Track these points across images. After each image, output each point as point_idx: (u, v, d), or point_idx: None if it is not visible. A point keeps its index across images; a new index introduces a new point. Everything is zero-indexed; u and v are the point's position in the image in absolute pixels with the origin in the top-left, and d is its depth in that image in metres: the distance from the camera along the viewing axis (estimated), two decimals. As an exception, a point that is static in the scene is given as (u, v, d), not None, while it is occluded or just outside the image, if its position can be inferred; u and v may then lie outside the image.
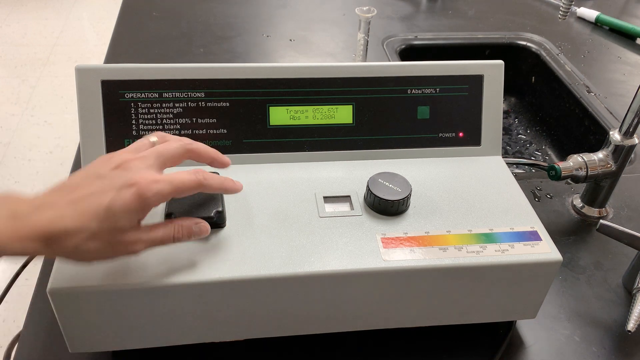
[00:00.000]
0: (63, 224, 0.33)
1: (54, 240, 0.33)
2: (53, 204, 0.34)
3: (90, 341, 0.41)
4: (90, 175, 0.36)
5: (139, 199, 0.35)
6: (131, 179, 0.35)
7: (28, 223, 0.33)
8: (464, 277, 0.42)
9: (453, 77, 0.51)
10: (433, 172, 0.50)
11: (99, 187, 0.35)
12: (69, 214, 0.34)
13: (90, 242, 0.34)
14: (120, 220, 0.35)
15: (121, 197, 0.35)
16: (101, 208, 0.34)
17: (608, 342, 0.49)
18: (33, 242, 0.33)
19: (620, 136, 0.58)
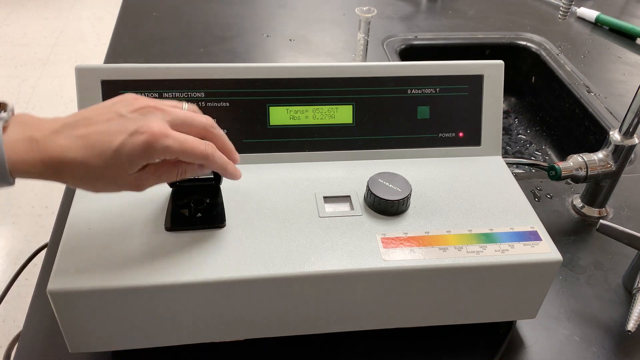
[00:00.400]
0: (71, 155, 0.35)
1: (61, 168, 0.35)
2: (67, 134, 0.35)
3: (90, 341, 0.41)
4: (111, 111, 0.37)
5: (147, 147, 0.36)
6: (145, 126, 0.36)
7: (41, 148, 0.34)
8: (464, 277, 0.42)
9: (453, 77, 0.51)
10: (433, 172, 0.50)
11: (113, 126, 0.36)
12: (79, 146, 0.35)
13: (96, 176, 0.36)
14: (125, 163, 0.36)
15: (131, 141, 0.35)
16: (109, 149, 0.35)
17: (608, 342, 0.49)
18: (43, 166, 0.34)
19: (620, 136, 0.58)
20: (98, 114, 0.37)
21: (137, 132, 0.36)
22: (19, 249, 1.47)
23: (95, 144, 0.35)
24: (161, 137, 0.36)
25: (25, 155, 0.34)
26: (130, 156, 0.36)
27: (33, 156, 0.34)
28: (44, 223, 1.53)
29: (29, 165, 0.34)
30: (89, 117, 0.37)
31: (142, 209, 0.44)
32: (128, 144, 0.35)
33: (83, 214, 0.43)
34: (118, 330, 0.41)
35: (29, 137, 0.34)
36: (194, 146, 0.37)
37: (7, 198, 1.61)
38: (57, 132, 0.35)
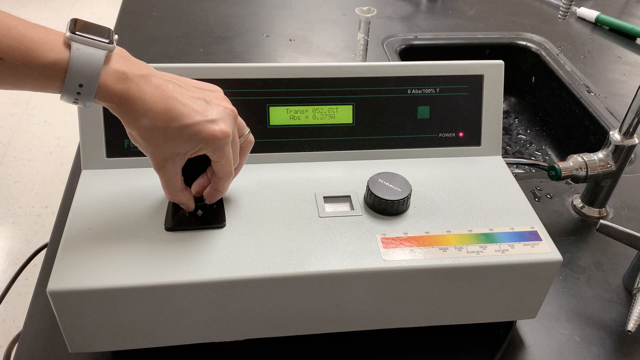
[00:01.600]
0: (146, 105, 0.37)
1: (130, 108, 0.37)
2: (155, 85, 0.38)
3: (90, 341, 0.41)
4: (201, 93, 0.40)
5: (212, 139, 0.39)
6: (222, 122, 0.39)
7: (127, 84, 0.37)
8: (464, 277, 0.42)
9: (453, 77, 0.51)
10: (433, 172, 0.50)
11: (198, 106, 0.39)
12: (158, 101, 0.37)
13: (149, 132, 0.38)
14: (182, 139, 0.38)
15: (204, 126, 0.38)
16: (181, 121, 0.38)
17: (608, 342, 0.49)
18: (119, 99, 0.37)
19: (620, 136, 0.58)
20: (189, 89, 0.39)
21: (213, 123, 0.39)
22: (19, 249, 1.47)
23: (172, 108, 0.37)
24: (226, 140, 0.39)
25: (112, 84, 0.36)
26: (193, 137, 0.38)
27: (117, 88, 0.36)
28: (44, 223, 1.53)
29: (111, 94, 0.36)
30: (181, 86, 0.39)
31: (142, 209, 0.44)
32: (199, 126, 0.38)
33: (83, 214, 0.43)
34: (118, 331, 0.41)
35: (122, 72, 0.36)
36: (231, 163, 0.41)
37: (7, 198, 1.61)
38: (147, 78, 0.38)
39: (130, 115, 0.37)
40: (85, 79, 0.35)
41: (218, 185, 0.42)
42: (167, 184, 0.41)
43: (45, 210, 1.57)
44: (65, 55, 0.35)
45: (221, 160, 0.40)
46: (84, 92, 0.36)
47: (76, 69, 0.35)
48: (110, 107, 0.38)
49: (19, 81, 0.35)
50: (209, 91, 0.41)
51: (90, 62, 0.35)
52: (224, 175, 0.41)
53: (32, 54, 0.34)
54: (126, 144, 0.47)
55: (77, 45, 0.35)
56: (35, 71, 0.34)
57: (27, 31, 0.35)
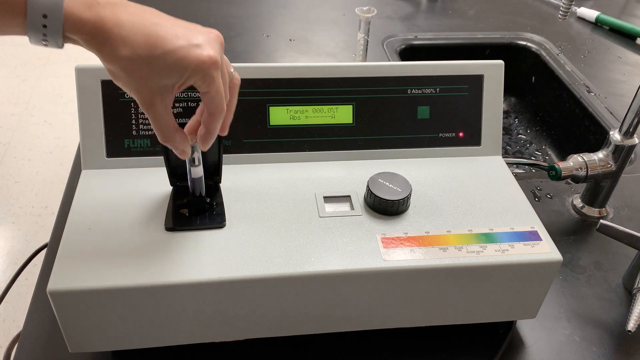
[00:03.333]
0: (123, 32, 0.33)
1: (106, 40, 0.33)
2: (130, 12, 0.34)
3: (90, 341, 0.41)
4: (184, 22, 0.37)
5: (198, 65, 0.35)
6: (209, 47, 0.36)
7: (99, 11, 0.33)
8: (464, 277, 0.42)
9: (453, 77, 0.51)
10: (433, 172, 0.50)
11: (180, 31, 0.35)
12: (135, 27, 0.34)
13: (130, 64, 0.34)
14: (166, 68, 0.35)
15: (188, 51, 0.35)
16: (163, 46, 0.34)
17: (608, 342, 0.49)
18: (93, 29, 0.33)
19: (621, 136, 0.58)
20: (171, 18, 0.37)
21: (199, 47, 0.35)
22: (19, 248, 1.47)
23: (152, 34, 0.34)
24: (215, 66, 0.36)
25: (80, 12, 0.33)
26: (178, 63, 0.35)
27: (87, 16, 0.33)
28: (44, 223, 1.53)
29: (81, 23, 0.33)
30: (161, 14, 0.36)
31: (142, 209, 0.44)
32: (183, 51, 0.35)
33: (83, 214, 0.43)
34: (118, 330, 0.40)
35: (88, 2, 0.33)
36: (222, 96, 0.38)
37: (7, 198, 1.61)
38: (121, 5, 0.34)
39: (108, 47, 0.34)
40: (48, 7, 0.32)
41: (210, 124, 0.39)
42: (159, 123, 0.37)
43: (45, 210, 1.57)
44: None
45: (211, 90, 0.37)
46: (50, 25, 0.32)
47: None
48: (85, 41, 0.34)
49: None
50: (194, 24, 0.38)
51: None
52: (215, 109, 0.38)
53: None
54: (126, 144, 0.47)
55: None
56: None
57: None
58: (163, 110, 0.37)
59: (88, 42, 0.34)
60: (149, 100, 0.36)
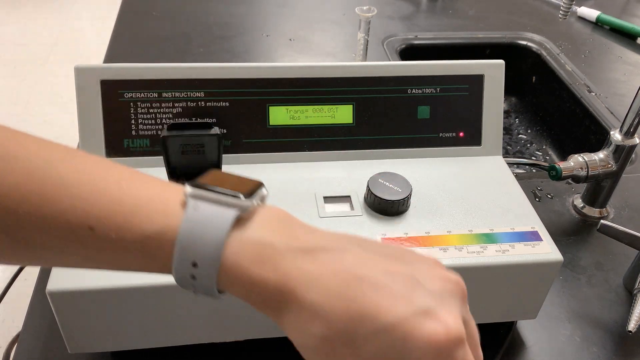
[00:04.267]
0: (305, 295, 0.23)
1: (277, 302, 0.24)
2: (326, 260, 0.24)
3: (90, 342, 0.41)
4: (407, 268, 0.25)
5: (432, 345, 0.23)
6: (442, 312, 0.24)
7: (280, 265, 0.23)
8: (465, 278, 0.42)
9: (453, 76, 0.51)
10: (433, 172, 0.50)
11: (400, 284, 0.24)
12: (327, 286, 0.23)
13: (322, 345, 0.23)
14: (384, 354, 0.23)
15: (415, 323, 0.23)
16: (377, 316, 0.23)
17: (609, 343, 0.49)
18: (272, 291, 0.23)
19: (621, 136, 0.58)
20: (389, 256, 0.25)
21: (430, 316, 0.23)
22: (18, 249, 1.46)
23: (356, 298, 0.23)
24: (458, 345, 0.23)
25: (251, 267, 0.23)
26: (396, 344, 0.22)
27: (263, 273, 0.23)
28: (44, 223, 1.53)
29: (251, 283, 0.23)
30: (374, 253, 0.25)
31: (142, 209, 0.43)
32: (407, 325, 0.22)
33: (82, 214, 0.43)
34: (118, 331, 0.40)
35: (269, 243, 0.23)
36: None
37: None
38: (312, 252, 0.24)
39: (291, 316, 0.24)
40: (199, 254, 0.23)
41: None
42: None
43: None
44: (176, 221, 0.23)
45: None
46: (199, 276, 0.23)
47: (187, 238, 0.23)
48: (255, 303, 0.25)
49: (115, 259, 0.24)
50: (420, 263, 0.26)
51: (208, 228, 0.23)
52: None
53: (131, 220, 0.23)
54: (125, 143, 0.47)
55: (194, 204, 0.23)
56: (134, 245, 0.23)
57: (136, 190, 0.23)
58: None
59: (259, 305, 0.25)
60: None
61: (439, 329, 0.23)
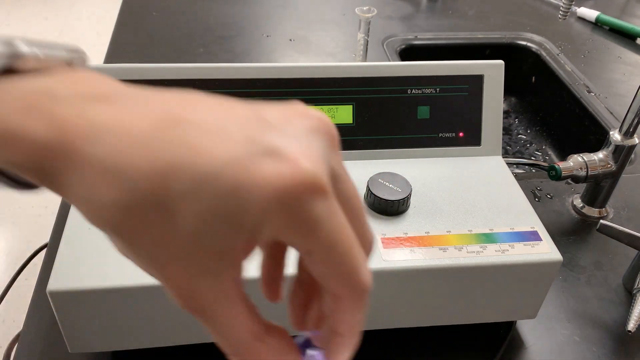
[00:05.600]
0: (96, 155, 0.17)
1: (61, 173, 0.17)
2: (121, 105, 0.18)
3: (90, 341, 0.41)
4: (247, 107, 0.19)
5: (285, 193, 0.17)
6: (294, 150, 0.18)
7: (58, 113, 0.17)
8: (464, 278, 0.42)
9: (453, 77, 0.51)
10: (433, 172, 0.50)
11: (237, 128, 0.17)
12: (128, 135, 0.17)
13: (120, 219, 0.17)
14: (216, 222, 0.17)
15: (258, 170, 0.17)
16: (197, 161, 0.17)
17: (608, 343, 0.49)
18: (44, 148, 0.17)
19: (621, 136, 0.58)
20: (232, 101, 0.19)
21: (273, 155, 0.17)
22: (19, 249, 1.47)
23: (174, 143, 0.17)
24: (316, 194, 0.17)
25: (12, 116, 0.17)
26: (228, 200, 0.17)
27: (30, 124, 0.17)
28: (44, 223, 1.53)
29: (13, 137, 0.17)
30: (212, 98, 0.19)
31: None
32: (243, 165, 0.17)
33: (83, 214, 0.43)
34: (118, 331, 0.40)
35: (47, 90, 0.17)
36: (350, 250, 0.19)
37: (7, 198, 1.61)
38: (108, 98, 0.18)
39: (74, 184, 0.17)
40: None
41: (340, 320, 0.21)
42: (220, 331, 0.19)
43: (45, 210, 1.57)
44: None
45: (318, 244, 0.18)
46: None
47: None
48: (29, 170, 0.17)
49: None
50: (268, 107, 0.20)
51: None
52: (341, 285, 0.19)
53: None
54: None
55: None
56: None
57: None
58: (224, 306, 0.19)
59: (31, 173, 0.18)
60: (188, 294, 0.18)
61: (284, 169, 0.17)
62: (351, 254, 0.19)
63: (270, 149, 0.17)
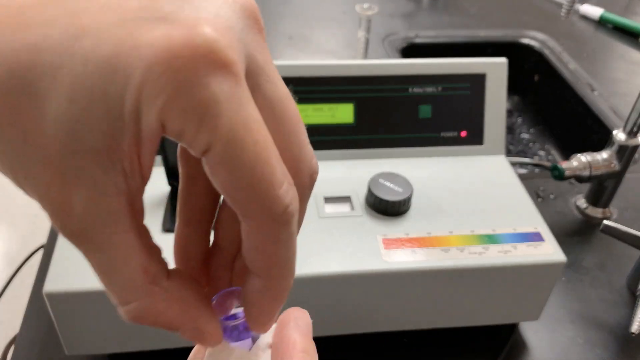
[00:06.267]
0: None
1: None
2: None
3: (87, 343, 0.40)
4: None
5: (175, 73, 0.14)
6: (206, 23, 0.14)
7: None
8: (466, 279, 0.42)
9: (455, 75, 0.50)
10: (435, 171, 0.49)
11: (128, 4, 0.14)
12: None
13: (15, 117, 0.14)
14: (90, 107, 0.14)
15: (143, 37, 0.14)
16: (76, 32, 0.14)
17: (612, 345, 0.48)
18: None
19: (625, 136, 0.57)
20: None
21: (172, 20, 0.14)
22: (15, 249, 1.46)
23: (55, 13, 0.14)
24: (214, 67, 0.14)
25: None
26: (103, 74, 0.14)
27: None
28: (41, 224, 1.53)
29: None
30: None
31: (140, 210, 0.43)
32: (125, 30, 0.14)
33: (80, 214, 0.42)
34: (115, 333, 0.40)
35: None
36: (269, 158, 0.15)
37: (4, 198, 1.61)
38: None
39: None
40: None
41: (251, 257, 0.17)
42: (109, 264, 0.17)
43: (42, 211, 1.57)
44: None
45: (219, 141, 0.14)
46: None
47: None
48: None
49: None
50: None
51: None
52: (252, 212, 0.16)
53: None
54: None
55: None
56: None
57: None
58: (110, 229, 0.15)
59: None
60: (63, 209, 0.15)
61: (176, 32, 0.14)
62: (262, 159, 0.15)
63: (165, 14, 0.14)
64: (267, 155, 0.15)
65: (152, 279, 0.17)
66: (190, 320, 0.17)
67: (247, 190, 0.15)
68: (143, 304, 0.17)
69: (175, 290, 0.17)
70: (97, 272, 0.17)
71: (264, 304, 0.18)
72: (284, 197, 0.16)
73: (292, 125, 0.17)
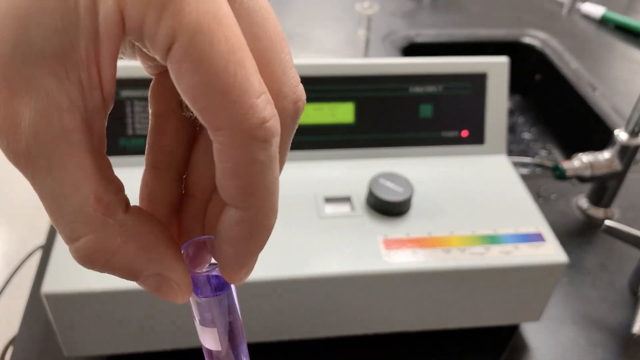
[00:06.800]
0: None
1: None
2: None
3: (86, 344, 0.40)
4: None
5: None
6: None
7: None
8: (468, 280, 0.41)
9: (456, 74, 0.50)
10: (436, 171, 0.49)
11: None
12: None
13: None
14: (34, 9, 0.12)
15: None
16: None
17: (614, 346, 0.48)
18: None
19: (626, 135, 0.57)
20: None
21: None
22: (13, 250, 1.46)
23: None
24: None
25: None
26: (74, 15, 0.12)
27: None
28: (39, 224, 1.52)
29: None
30: None
31: (139, 210, 0.43)
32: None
33: (78, 214, 0.42)
34: (114, 334, 0.40)
35: None
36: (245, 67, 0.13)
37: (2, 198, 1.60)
38: None
39: None
40: None
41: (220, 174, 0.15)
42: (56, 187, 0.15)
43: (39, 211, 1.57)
44: None
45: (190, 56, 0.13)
46: None
47: None
48: None
49: None
50: None
51: None
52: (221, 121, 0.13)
53: None
54: (121, 143, 0.46)
55: None
56: None
57: None
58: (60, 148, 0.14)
59: None
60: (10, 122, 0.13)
61: None
62: (235, 59, 0.13)
63: None
64: (241, 56, 0.13)
65: (105, 209, 0.15)
66: (151, 262, 0.15)
67: (217, 95, 0.13)
68: (94, 239, 0.15)
69: (132, 225, 0.15)
70: (44, 201, 0.15)
71: (240, 240, 0.15)
72: (261, 108, 0.13)
73: (272, 41, 0.15)
